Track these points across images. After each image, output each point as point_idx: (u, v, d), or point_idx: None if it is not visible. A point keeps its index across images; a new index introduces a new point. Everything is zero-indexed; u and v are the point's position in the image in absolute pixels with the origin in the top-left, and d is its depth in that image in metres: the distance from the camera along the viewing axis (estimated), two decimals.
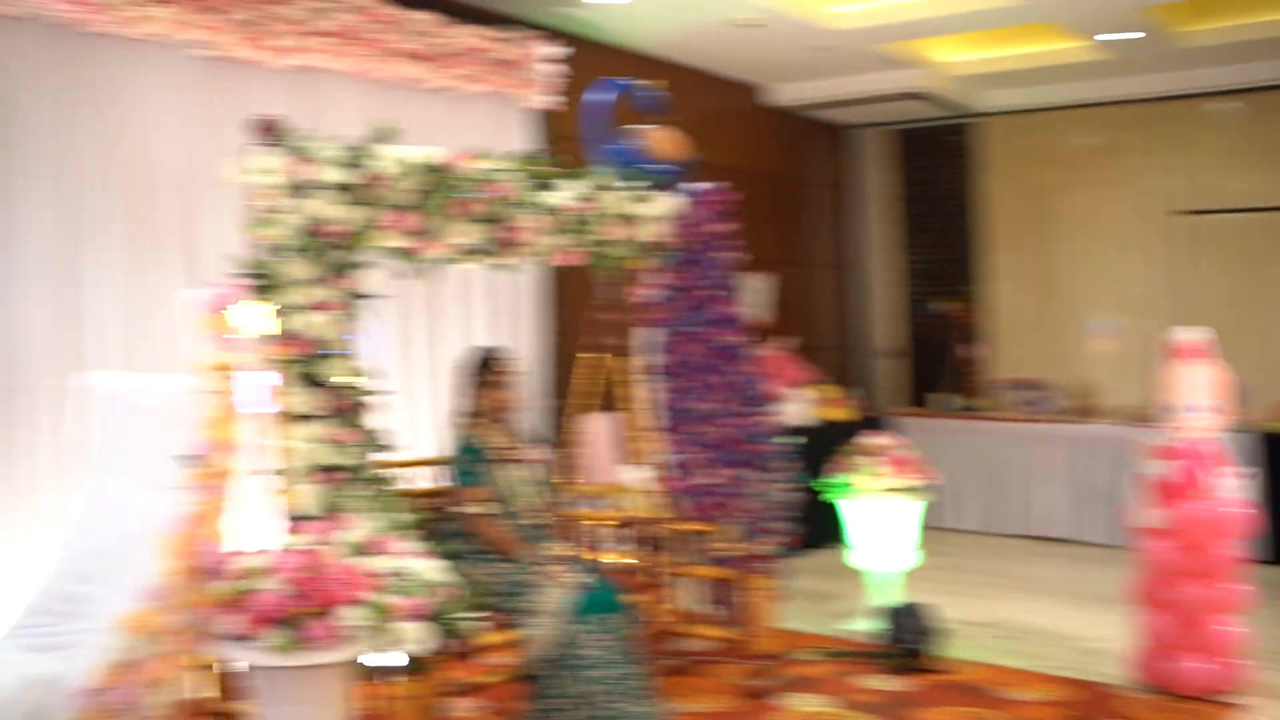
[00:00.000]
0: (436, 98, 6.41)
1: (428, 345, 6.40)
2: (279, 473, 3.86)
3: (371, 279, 4.14)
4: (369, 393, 4.05)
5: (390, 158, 4.11)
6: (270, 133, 3.90)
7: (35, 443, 4.75)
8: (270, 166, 3.86)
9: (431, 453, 5.26)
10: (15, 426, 4.71)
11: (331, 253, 3.96)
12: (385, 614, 3.39)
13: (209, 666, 3.89)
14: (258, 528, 3.89)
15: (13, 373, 4.72)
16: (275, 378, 3.88)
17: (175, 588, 3.66)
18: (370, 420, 4.04)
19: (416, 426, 6.17)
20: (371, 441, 4.03)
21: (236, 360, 3.86)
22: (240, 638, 3.33)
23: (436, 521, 4.58)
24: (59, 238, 4.87)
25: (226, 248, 5.30)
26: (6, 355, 4.71)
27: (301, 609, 3.35)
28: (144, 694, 3.58)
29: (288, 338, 3.87)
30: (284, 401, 3.84)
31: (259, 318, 3.93)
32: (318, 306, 3.90)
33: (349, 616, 3.37)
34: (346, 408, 3.95)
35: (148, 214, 5.16)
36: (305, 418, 3.87)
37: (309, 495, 3.83)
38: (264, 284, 3.88)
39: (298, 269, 3.87)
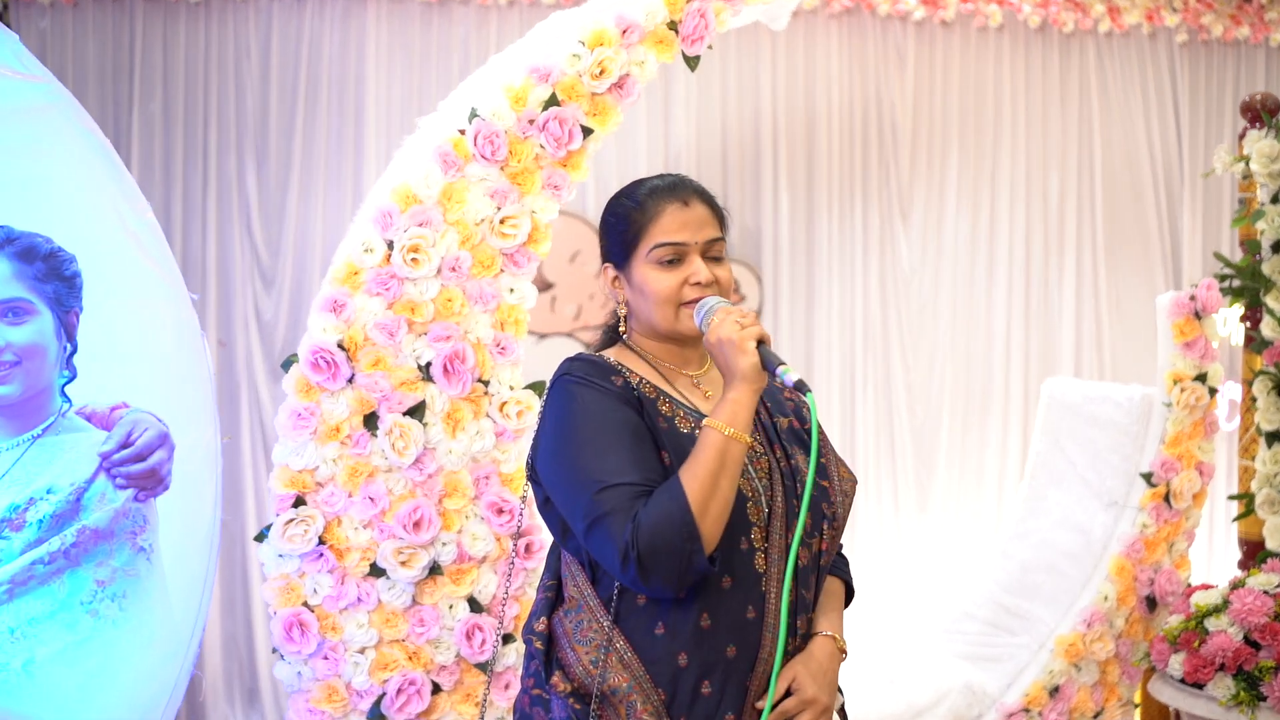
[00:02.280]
0: None
1: None
2: (1244, 498, 3.39)
3: None
4: None
5: None
6: (1264, 114, 3.43)
7: (1004, 445, 4.82)
8: (1265, 151, 3.38)
9: None
10: (985, 429, 4.83)
11: None
12: None
13: (1135, 705, 3.56)
14: (1218, 559, 3.47)
15: (987, 375, 4.83)
16: (1249, 391, 3.42)
17: (1116, 615, 3.40)
18: None
19: None
20: None
21: (1208, 370, 3.46)
22: (1184, 681, 2.98)
23: None
24: (1032, 238, 4.86)
25: (1208, 246, 4.92)
26: (982, 356, 4.83)
27: (1263, 661, 2.90)
28: None
29: (1269, 345, 3.36)
30: (1258, 418, 3.35)
31: (1236, 322, 3.49)
32: None
33: None
34: None
35: (1124, 211, 4.95)
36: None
37: (1276, 527, 3.29)
38: (1246, 285, 3.42)
39: None
